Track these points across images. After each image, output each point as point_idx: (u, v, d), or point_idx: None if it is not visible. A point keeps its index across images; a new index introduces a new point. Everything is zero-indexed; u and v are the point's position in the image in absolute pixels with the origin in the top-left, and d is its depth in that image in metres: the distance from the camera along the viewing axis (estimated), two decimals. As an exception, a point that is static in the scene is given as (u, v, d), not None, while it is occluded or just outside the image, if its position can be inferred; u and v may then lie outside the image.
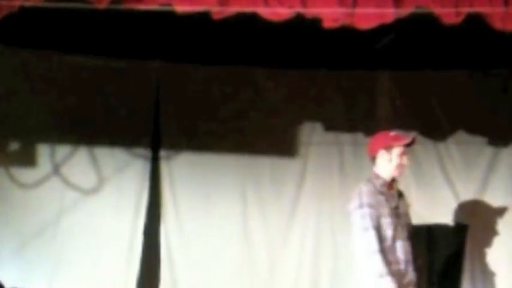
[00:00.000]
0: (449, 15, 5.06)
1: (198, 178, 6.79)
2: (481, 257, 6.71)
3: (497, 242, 6.69)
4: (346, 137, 6.86)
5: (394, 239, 5.39)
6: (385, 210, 5.40)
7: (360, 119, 6.87)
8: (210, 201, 6.79)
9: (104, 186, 6.68)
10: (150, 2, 5.00)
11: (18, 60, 6.59)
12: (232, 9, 5.00)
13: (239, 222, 6.79)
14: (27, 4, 4.94)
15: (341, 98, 6.91)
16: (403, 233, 5.45)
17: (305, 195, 6.81)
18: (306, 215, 6.78)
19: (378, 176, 5.53)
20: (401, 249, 5.40)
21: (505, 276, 6.69)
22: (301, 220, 6.78)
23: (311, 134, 6.90)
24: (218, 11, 4.98)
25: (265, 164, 6.85)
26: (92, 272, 6.53)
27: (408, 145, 5.57)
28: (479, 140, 6.81)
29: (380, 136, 5.63)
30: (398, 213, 5.49)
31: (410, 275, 5.44)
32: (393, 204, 5.47)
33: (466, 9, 5.04)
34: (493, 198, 6.74)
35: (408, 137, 5.55)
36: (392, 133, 5.59)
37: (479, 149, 6.81)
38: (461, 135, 6.83)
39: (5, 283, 6.12)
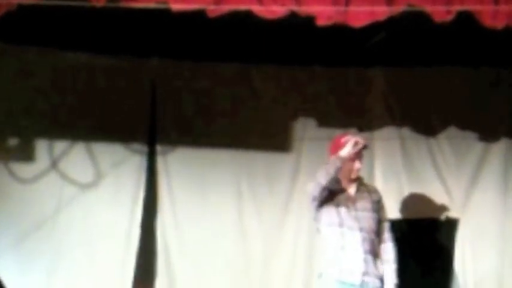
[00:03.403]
0: (441, 13, 5.14)
1: (193, 173, 6.84)
2: (472, 251, 6.78)
3: (487, 236, 6.76)
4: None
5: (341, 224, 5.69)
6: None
7: (352, 115, 6.92)
8: (205, 196, 6.83)
9: (101, 181, 6.72)
10: (147, 0, 5.09)
11: (16, 57, 6.62)
12: (227, 8, 5.07)
13: (234, 216, 6.85)
14: (25, 2, 5.00)
15: (334, 94, 6.95)
16: (355, 223, 5.67)
17: (299, 190, 6.83)
18: (299, 209, 6.80)
19: None
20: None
21: (495, 270, 6.77)
22: (295, 214, 6.83)
23: (305, 129, 6.95)
24: (213, 9, 5.06)
25: (259, 159, 6.90)
26: (90, 265, 6.58)
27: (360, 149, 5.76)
28: (470, 136, 6.86)
29: (333, 143, 5.86)
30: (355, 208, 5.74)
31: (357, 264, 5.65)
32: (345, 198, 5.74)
33: (456, 7, 5.12)
34: (484, 193, 6.81)
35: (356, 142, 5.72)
36: (344, 138, 5.79)
37: (470, 144, 6.86)
38: (452, 131, 6.88)
39: (3, 277, 6.18)
